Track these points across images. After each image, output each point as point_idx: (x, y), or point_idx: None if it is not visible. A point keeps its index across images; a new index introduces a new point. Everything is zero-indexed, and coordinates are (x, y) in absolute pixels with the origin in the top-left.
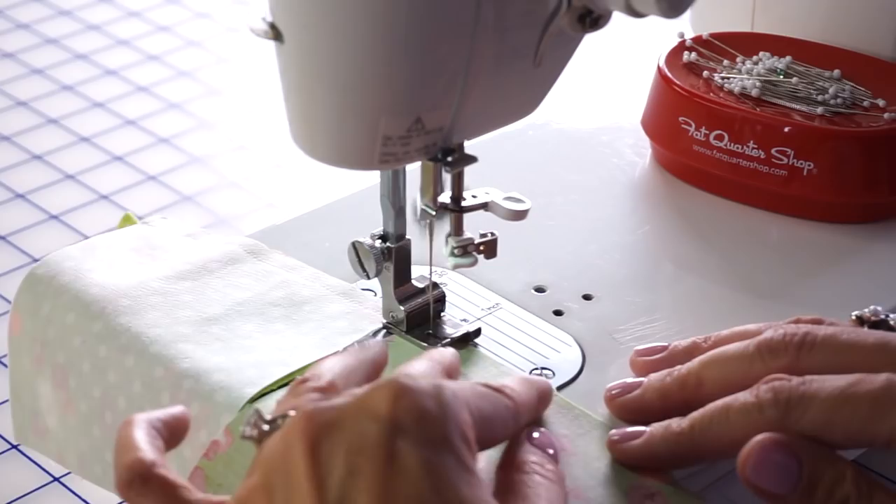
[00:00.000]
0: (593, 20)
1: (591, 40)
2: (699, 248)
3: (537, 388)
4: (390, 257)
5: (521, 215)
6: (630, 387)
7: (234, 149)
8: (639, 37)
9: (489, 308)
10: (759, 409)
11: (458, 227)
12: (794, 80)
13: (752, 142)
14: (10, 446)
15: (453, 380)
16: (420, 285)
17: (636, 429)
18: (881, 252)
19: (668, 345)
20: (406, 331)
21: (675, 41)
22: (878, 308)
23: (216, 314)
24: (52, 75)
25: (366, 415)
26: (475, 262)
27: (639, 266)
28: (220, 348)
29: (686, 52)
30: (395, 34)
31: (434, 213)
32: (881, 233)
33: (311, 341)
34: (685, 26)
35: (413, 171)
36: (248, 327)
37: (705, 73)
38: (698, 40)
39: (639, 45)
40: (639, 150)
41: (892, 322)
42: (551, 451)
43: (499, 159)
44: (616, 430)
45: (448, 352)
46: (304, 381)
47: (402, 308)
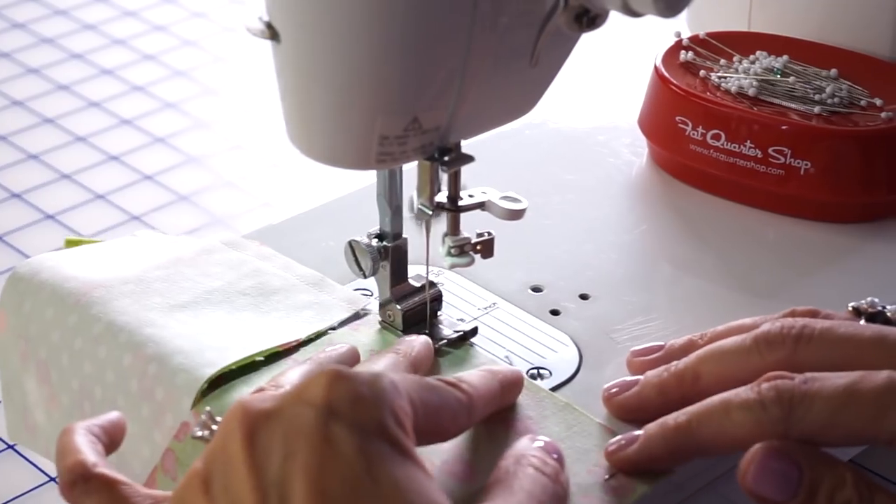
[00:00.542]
0: (590, 19)
1: (587, 40)
2: (696, 248)
3: (500, 380)
4: (387, 256)
5: (517, 215)
6: (627, 385)
7: (231, 148)
8: (636, 36)
9: (486, 308)
10: (762, 407)
11: (454, 227)
12: (791, 79)
13: (748, 141)
14: (7, 446)
15: (421, 372)
16: (417, 284)
17: (631, 434)
18: (878, 251)
19: (665, 344)
20: (403, 330)
21: (671, 41)
22: (875, 300)
23: (185, 301)
24: (48, 75)
25: (302, 401)
26: (472, 262)
27: (636, 266)
28: (185, 333)
29: (683, 52)
30: (391, 34)
31: (431, 212)
32: (878, 232)
33: (274, 327)
34: (682, 26)
35: (410, 171)
36: (215, 315)
37: (702, 73)
38: (695, 40)
39: (636, 45)
40: (635, 150)
41: (889, 314)
42: (556, 455)
43: (496, 159)
44: (613, 440)
45: (417, 342)
46: (261, 390)
47: (398, 307)
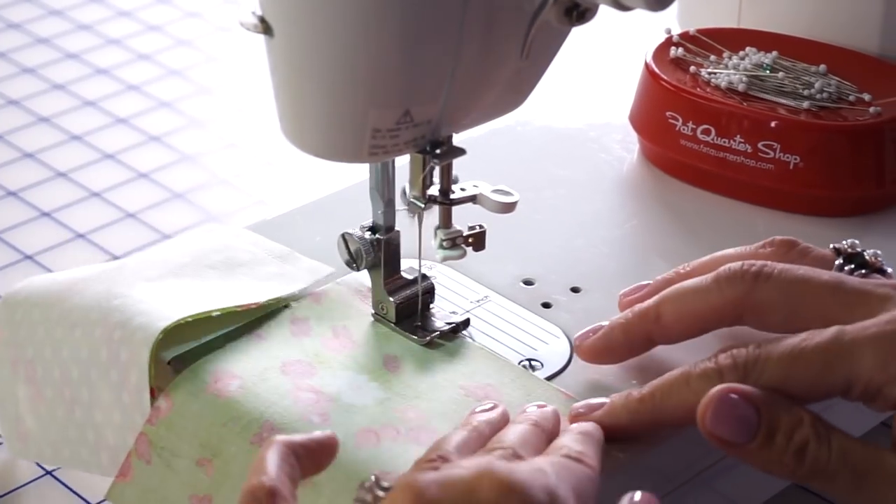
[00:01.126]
0: (580, 13)
1: (578, 37)
2: (686, 242)
3: (599, 441)
4: (380, 249)
5: (509, 207)
6: (596, 329)
7: (225, 146)
8: (626, 34)
9: (478, 301)
10: (719, 374)
11: (446, 220)
12: (780, 75)
13: (738, 136)
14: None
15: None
16: (409, 277)
17: (597, 400)
18: (867, 245)
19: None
20: (395, 322)
21: (662, 37)
22: (856, 241)
23: (154, 276)
24: (44, 74)
25: (472, 502)
26: (464, 255)
27: (626, 259)
28: (147, 299)
29: (673, 48)
30: (383, 27)
31: (423, 205)
32: (867, 226)
33: (235, 290)
34: (672, 22)
35: (403, 166)
36: (180, 283)
37: (692, 69)
38: (685, 36)
39: (626, 42)
40: (627, 146)
41: (867, 256)
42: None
43: (487, 155)
44: (579, 403)
45: (550, 412)
46: (429, 460)
47: (391, 299)
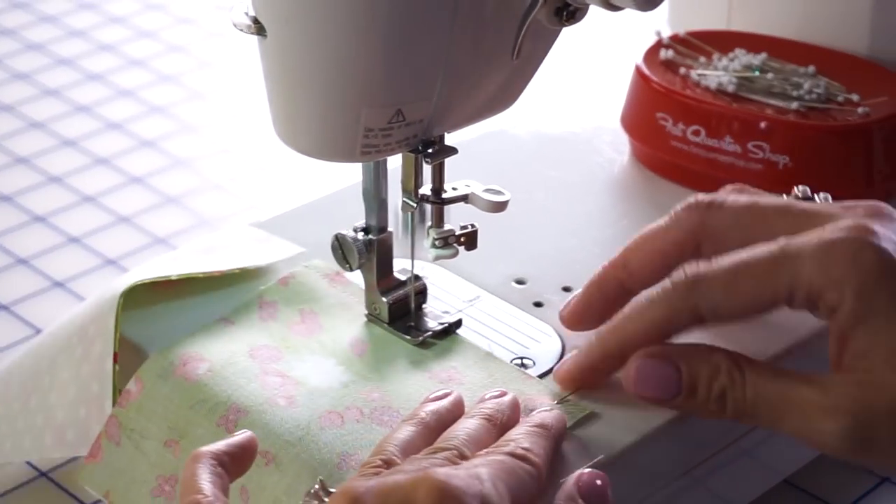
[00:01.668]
0: (570, 13)
1: (569, 39)
2: None
3: (554, 435)
4: (372, 249)
5: (500, 206)
6: (574, 296)
7: (218, 151)
8: (617, 36)
9: (470, 300)
10: (673, 288)
11: (438, 219)
12: (769, 76)
13: (728, 137)
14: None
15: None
16: (402, 277)
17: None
18: None
19: None
20: (388, 322)
21: (652, 40)
22: (807, 188)
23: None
24: (36, 79)
25: None
26: (456, 254)
27: None
28: (119, 281)
29: (663, 50)
30: (375, 27)
31: (415, 205)
32: None
33: (201, 262)
34: (662, 25)
35: (394, 170)
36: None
37: (682, 70)
38: (675, 38)
39: (616, 45)
40: (618, 147)
41: (818, 200)
42: (603, 502)
43: (479, 157)
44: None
45: (506, 405)
46: (373, 465)
47: (384, 300)
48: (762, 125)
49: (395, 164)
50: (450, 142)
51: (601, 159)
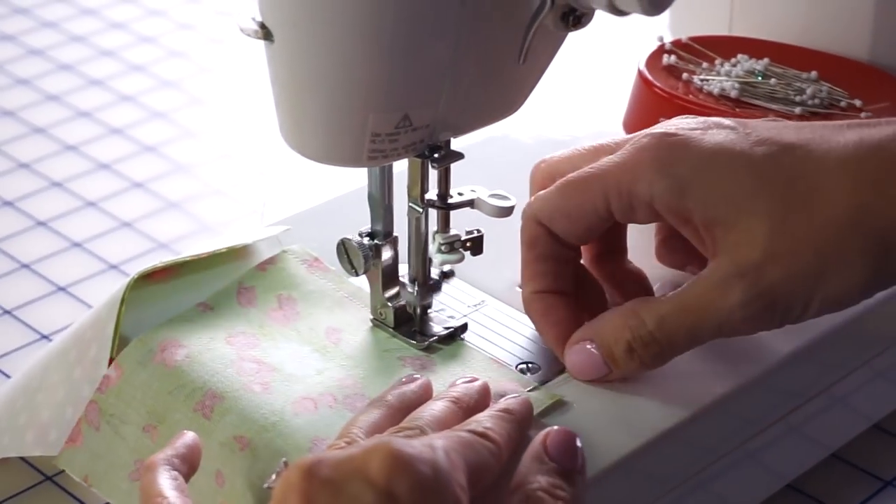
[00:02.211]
0: (576, 18)
1: (572, 45)
2: None
3: (518, 419)
4: (378, 255)
5: (506, 212)
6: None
7: (219, 157)
8: (619, 42)
9: (475, 305)
10: (524, 213)
11: (444, 224)
12: (772, 81)
13: None
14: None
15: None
16: (407, 282)
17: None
18: None
19: None
20: (394, 327)
21: (654, 45)
22: None
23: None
24: (38, 86)
25: (363, 479)
26: (462, 259)
27: None
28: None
29: (666, 56)
30: (382, 33)
31: (421, 210)
32: None
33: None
34: (664, 30)
35: (399, 174)
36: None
37: (685, 76)
38: (677, 44)
39: (619, 50)
40: None
41: None
42: (571, 458)
43: (482, 162)
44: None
45: (475, 389)
46: (336, 447)
47: (389, 305)
48: None
49: (398, 169)
50: (453, 147)
51: None
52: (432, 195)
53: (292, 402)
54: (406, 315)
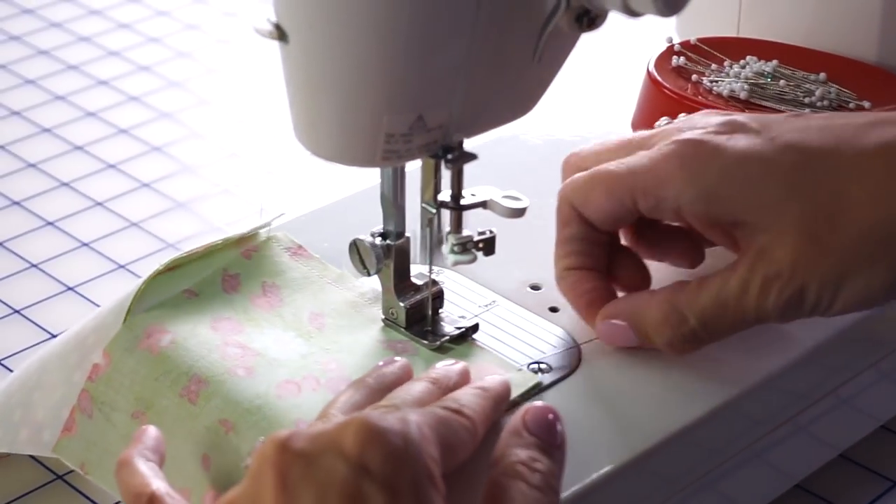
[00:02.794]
0: (590, 20)
1: (581, 46)
2: None
3: (493, 397)
4: (390, 255)
5: (519, 213)
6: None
7: (226, 157)
8: (628, 43)
9: (486, 305)
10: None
11: (457, 225)
12: (780, 82)
13: None
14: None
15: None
16: (419, 282)
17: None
18: None
19: None
20: (405, 327)
21: (663, 46)
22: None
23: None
24: (46, 86)
25: (336, 452)
26: (474, 259)
27: None
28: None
29: (675, 57)
30: (397, 34)
31: (434, 210)
32: None
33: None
34: (672, 32)
35: (412, 173)
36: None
37: (694, 77)
38: (686, 45)
39: (628, 52)
40: None
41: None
42: (550, 433)
43: (492, 163)
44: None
45: (454, 371)
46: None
47: (401, 305)
48: None
49: (410, 168)
50: (465, 147)
51: None
52: (445, 196)
53: (276, 386)
54: (418, 315)
